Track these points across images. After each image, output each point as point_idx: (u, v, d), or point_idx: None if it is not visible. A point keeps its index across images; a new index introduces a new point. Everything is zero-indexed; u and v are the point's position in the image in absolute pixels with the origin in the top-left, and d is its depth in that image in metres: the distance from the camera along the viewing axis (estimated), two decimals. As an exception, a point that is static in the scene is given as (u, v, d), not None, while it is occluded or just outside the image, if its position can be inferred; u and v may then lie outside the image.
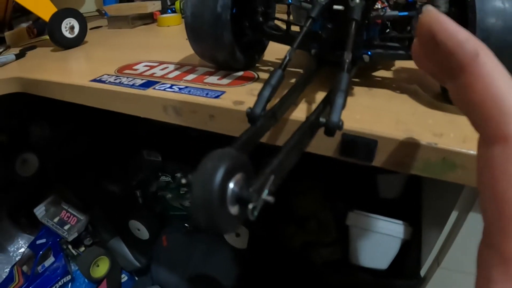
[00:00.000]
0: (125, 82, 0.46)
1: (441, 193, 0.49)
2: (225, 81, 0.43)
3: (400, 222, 0.62)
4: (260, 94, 0.24)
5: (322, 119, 0.22)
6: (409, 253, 0.60)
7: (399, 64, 0.50)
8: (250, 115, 0.24)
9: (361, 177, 0.73)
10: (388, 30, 0.44)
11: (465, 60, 0.18)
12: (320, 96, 0.37)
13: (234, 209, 0.15)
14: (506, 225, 0.16)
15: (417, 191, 0.66)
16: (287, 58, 0.27)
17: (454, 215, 0.42)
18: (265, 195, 0.16)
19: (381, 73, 0.47)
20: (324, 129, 0.22)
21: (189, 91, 0.41)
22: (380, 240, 0.64)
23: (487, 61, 0.17)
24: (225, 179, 0.15)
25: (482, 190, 0.18)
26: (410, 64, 0.49)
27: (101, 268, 0.93)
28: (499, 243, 0.17)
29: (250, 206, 0.15)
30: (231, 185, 0.15)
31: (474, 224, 0.40)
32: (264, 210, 0.17)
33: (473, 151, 0.31)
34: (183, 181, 0.18)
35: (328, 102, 0.24)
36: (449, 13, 0.38)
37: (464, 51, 0.18)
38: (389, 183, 0.76)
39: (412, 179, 0.70)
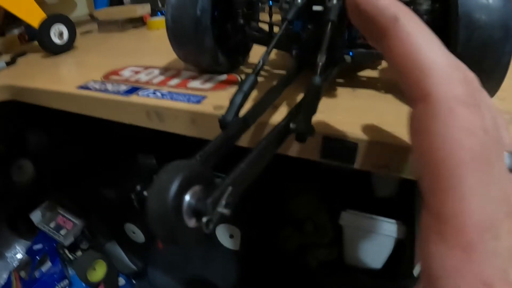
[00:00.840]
0: (110, 89, 0.46)
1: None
2: (207, 85, 0.43)
3: (394, 221, 0.61)
4: (231, 101, 0.24)
5: (292, 125, 0.22)
6: (403, 252, 0.60)
7: (386, 62, 0.49)
8: (222, 122, 0.23)
9: (356, 176, 0.73)
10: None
11: (385, 24, 0.19)
12: (300, 98, 0.37)
13: (191, 222, 0.15)
14: (434, 184, 0.16)
15: (411, 190, 0.66)
16: (260, 63, 0.27)
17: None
18: (221, 207, 0.15)
19: (366, 73, 0.46)
20: (295, 135, 0.22)
21: (172, 97, 0.41)
22: (373, 240, 0.64)
23: (407, 24, 0.18)
24: (179, 191, 0.14)
25: (413, 153, 0.19)
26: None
27: (98, 271, 0.93)
28: (431, 203, 0.17)
29: (204, 219, 0.15)
30: (187, 197, 0.15)
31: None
32: (259, 212, 0.17)
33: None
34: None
35: (300, 108, 0.24)
36: (432, 10, 0.37)
37: (384, 17, 0.19)
38: (384, 182, 0.75)
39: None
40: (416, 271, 0.52)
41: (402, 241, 0.61)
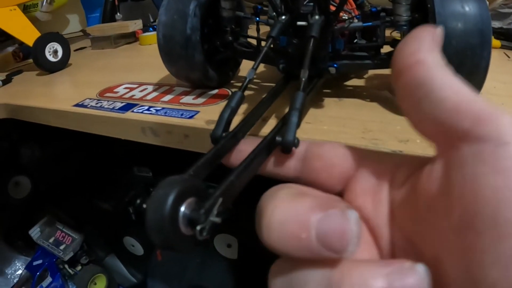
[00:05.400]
0: (106, 106, 0.48)
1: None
2: (200, 100, 0.45)
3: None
4: (220, 116, 0.26)
5: (278, 138, 0.23)
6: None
7: (372, 71, 0.51)
8: (212, 137, 0.25)
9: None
10: (356, 40, 0.46)
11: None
12: (287, 109, 0.39)
13: (187, 230, 0.17)
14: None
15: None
16: (247, 79, 0.28)
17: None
18: (213, 216, 0.17)
19: (353, 82, 0.48)
20: (281, 148, 0.23)
21: (165, 113, 0.42)
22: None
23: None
24: (175, 203, 0.16)
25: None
26: (382, 70, 0.50)
27: (99, 286, 0.94)
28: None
29: (198, 227, 0.16)
30: (183, 208, 0.16)
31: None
32: (255, 221, 0.19)
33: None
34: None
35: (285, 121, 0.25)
36: (412, 20, 0.39)
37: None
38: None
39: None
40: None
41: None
